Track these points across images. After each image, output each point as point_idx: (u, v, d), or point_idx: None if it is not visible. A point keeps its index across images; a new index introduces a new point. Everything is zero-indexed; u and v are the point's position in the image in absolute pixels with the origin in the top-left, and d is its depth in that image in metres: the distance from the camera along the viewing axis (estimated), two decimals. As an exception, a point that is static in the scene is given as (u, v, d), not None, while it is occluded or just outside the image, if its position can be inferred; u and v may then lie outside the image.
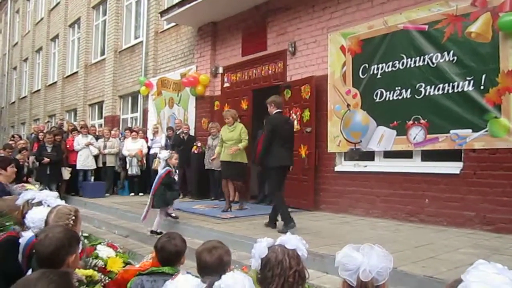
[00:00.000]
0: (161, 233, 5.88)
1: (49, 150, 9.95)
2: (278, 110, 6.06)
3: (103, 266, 2.71)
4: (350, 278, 1.60)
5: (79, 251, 2.22)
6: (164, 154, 6.68)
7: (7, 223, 2.94)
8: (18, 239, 2.58)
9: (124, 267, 2.84)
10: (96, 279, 2.43)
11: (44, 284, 1.49)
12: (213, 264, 2.23)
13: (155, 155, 10.35)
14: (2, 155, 8.89)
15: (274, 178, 6.04)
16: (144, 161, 10.70)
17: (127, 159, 10.70)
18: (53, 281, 1.51)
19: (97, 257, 2.85)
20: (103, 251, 2.94)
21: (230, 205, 7.50)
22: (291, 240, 1.88)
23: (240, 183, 7.69)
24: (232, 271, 2.36)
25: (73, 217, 2.62)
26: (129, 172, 10.69)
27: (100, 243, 3.13)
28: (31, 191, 3.09)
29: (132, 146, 10.73)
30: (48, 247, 2.02)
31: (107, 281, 2.58)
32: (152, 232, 6.33)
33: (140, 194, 10.67)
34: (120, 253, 3.06)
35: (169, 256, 2.49)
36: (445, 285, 1.52)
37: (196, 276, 2.14)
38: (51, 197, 2.96)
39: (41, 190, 3.27)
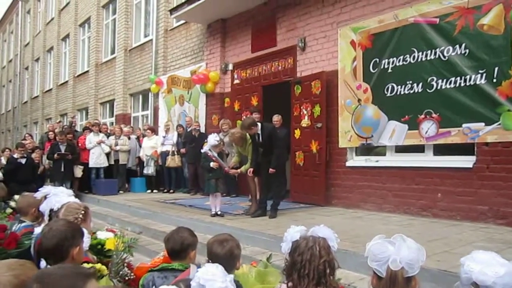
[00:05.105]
0: (221, 215, 6.70)
1: (63, 149, 10.06)
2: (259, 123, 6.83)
3: (131, 262, 2.76)
4: (379, 268, 1.61)
5: (83, 244, 2.25)
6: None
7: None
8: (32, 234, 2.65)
9: (124, 249, 2.89)
10: (105, 273, 2.46)
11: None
12: (223, 256, 2.26)
13: (167, 153, 10.47)
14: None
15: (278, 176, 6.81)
16: (160, 162, 10.79)
17: (144, 159, 10.81)
18: None
19: (95, 239, 2.92)
20: (102, 234, 3.03)
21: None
22: (322, 231, 1.91)
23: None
24: (241, 265, 2.39)
25: (82, 212, 2.69)
26: (145, 172, 10.85)
27: (99, 230, 3.23)
28: (48, 186, 3.17)
29: (147, 144, 10.83)
30: (51, 239, 2.07)
31: (132, 277, 2.61)
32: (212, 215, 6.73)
33: (155, 191, 10.78)
34: (119, 235, 3.13)
35: (174, 246, 2.49)
36: (460, 279, 1.54)
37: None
38: (65, 194, 3.03)
39: None
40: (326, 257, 1.82)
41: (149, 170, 10.78)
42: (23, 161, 9.37)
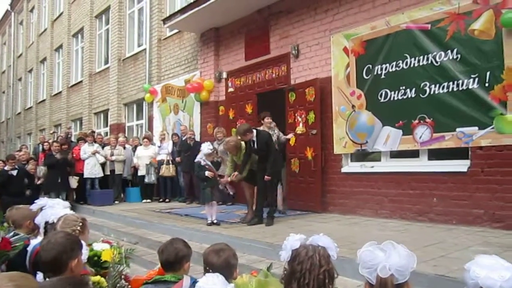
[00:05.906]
0: (218, 223, 6.66)
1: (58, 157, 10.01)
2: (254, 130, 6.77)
3: (128, 274, 2.74)
4: (369, 275, 1.61)
5: (82, 256, 2.24)
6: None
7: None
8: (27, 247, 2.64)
9: (120, 260, 2.87)
10: (104, 285, 2.44)
11: None
12: (220, 266, 2.23)
13: (162, 162, 10.44)
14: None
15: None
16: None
17: (144, 167, 10.76)
18: None
19: (92, 250, 2.90)
20: (98, 246, 3.01)
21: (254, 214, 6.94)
22: (323, 239, 1.89)
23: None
24: (239, 275, 2.37)
25: (80, 224, 2.68)
26: (146, 180, 10.80)
27: (95, 241, 3.21)
28: (44, 198, 3.16)
29: (144, 153, 10.80)
30: (50, 251, 2.05)
31: None
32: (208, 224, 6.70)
33: (148, 200, 10.74)
34: (115, 246, 3.10)
35: (169, 258, 2.45)
36: (457, 283, 1.54)
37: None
38: (61, 206, 3.01)
39: None
40: (326, 266, 1.80)
41: (151, 178, 10.74)
42: (14, 173, 9.31)
